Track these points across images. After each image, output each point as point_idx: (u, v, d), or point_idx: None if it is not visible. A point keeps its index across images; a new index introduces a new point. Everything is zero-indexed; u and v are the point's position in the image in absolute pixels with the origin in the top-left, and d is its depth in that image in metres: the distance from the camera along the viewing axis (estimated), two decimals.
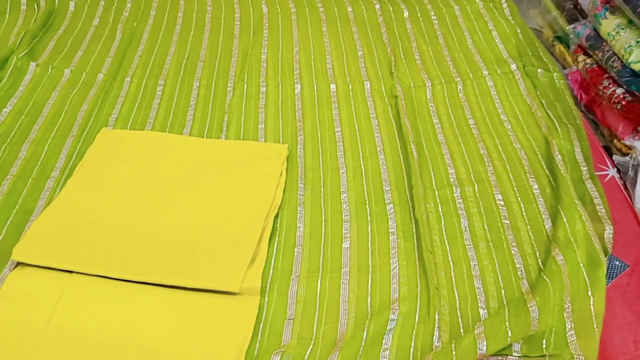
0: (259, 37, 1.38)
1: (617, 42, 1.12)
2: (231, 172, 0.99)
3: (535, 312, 0.75)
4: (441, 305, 0.80)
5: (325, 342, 0.77)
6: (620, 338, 0.76)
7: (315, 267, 0.86)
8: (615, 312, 0.79)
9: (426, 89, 1.21)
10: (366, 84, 1.23)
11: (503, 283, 0.83)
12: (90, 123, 1.11)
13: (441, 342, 0.76)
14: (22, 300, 0.79)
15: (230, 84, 1.23)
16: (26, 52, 1.26)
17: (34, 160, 1.02)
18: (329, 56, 1.32)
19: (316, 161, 1.04)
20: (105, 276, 0.82)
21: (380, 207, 0.95)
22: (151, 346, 0.75)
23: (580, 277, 0.80)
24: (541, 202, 0.94)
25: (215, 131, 1.11)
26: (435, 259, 0.86)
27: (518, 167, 1.01)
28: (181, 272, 0.82)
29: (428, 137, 1.09)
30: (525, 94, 1.18)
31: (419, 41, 1.36)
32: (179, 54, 1.32)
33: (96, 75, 1.23)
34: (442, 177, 1.00)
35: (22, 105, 1.14)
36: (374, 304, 0.81)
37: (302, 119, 1.13)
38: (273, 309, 0.81)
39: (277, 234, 0.91)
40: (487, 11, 1.44)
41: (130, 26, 1.40)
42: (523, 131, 1.09)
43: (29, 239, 0.86)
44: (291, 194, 0.97)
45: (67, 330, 0.76)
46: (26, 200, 0.95)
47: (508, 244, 0.88)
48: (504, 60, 1.28)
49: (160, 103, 1.18)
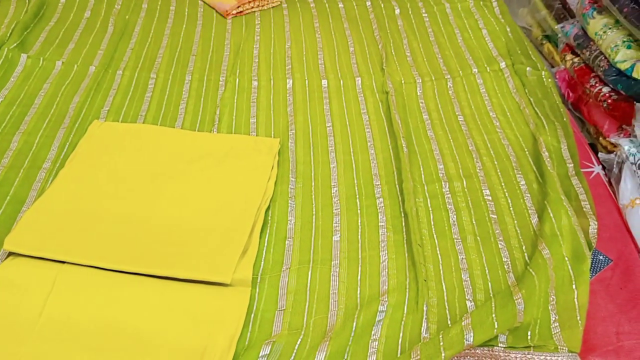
0: (251, 32, 1.39)
1: (604, 41, 1.14)
2: (223, 165, 1.00)
3: (521, 304, 0.76)
4: (429, 297, 0.81)
5: (315, 332, 0.78)
6: (603, 329, 0.78)
7: (305, 259, 0.87)
8: (599, 305, 0.80)
9: (416, 85, 1.22)
10: (357, 80, 1.24)
11: (490, 276, 0.85)
12: (82, 115, 1.11)
13: (429, 333, 0.77)
14: (14, 290, 0.80)
15: (223, 78, 1.24)
16: (17, 43, 1.25)
17: (25, 151, 1.02)
18: (321, 52, 1.33)
19: (307, 155, 1.05)
20: (97, 267, 0.82)
21: (370, 200, 0.96)
22: (143, 336, 0.76)
23: (565, 270, 0.82)
24: (528, 197, 0.96)
25: (207, 125, 1.12)
26: (424, 252, 0.87)
27: (506, 163, 1.03)
28: (173, 263, 0.83)
29: (418, 133, 1.10)
30: (514, 92, 1.20)
31: (410, 38, 1.38)
32: (171, 48, 1.32)
33: (88, 67, 1.23)
34: (431, 172, 1.01)
35: (13, 96, 1.14)
36: (364, 296, 0.82)
37: (293, 114, 1.14)
38: (264, 300, 0.82)
39: (268, 226, 0.92)
40: (478, 9, 1.46)
41: (122, 19, 1.40)
42: (511, 128, 1.11)
43: (21, 229, 0.86)
44: (282, 187, 0.98)
45: (59, 320, 0.77)
46: (18, 191, 0.95)
47: (495, 238, 0.90)
48: (494, 58, 1.30)
49: (153, 96, 1.18)
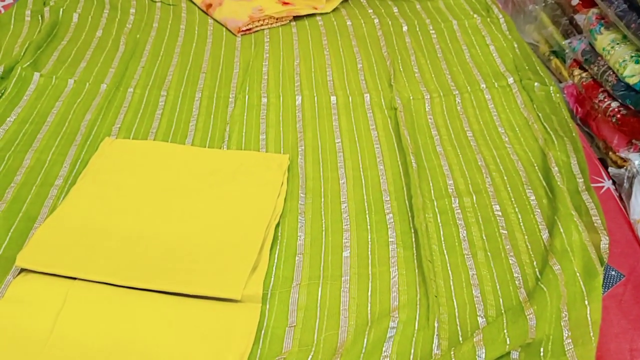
0: (260, 50, 1.40)
1: (612, 56, 1.14)
2: (233, 182, 1.01)
3: (532, 319, 0.76)
4: (440, 314, 0.81)
5: (325, 349, 0.77)
6: (616, 346, 0.77)
7: (316, 275, 0.87)
8: (612, 321, 0.80)
9: (425, 101, 1.23)
10: (366, 96, 1.24)
11: (501, 292, 0.84)
12: (93, 132, 1.12)
13: (440, 350, 0.77)
14: (25, 306, 0.80)
15: (232, 95, 1.25)
16: (30, 62, 1.27)
17: (37, 168, 1.03)
18: (329, 69, 1.34)
19: (317, 171, 1.05)
20: (108, 283, 0.82)
21: (380, 216, 0.96)
22: (153, 353, 0.76)
23: (576, 286, 0.81)
24: (538, 212, 0.96)
25: (217, 141, 1.12)
26: (434, 267, 0.87)
27: (515, 179, 1.03)
28: (183, 280, 0.83)
29: (427, 149, 1.10)
30: (522, 107, 1.20)
31: (417, 55, 1.38)
32: (181, 66, 1.34)
33: (99, 85, 1.25)
34: (440, 188, 1.01)
35: (26, 114, 1.15)
36: (374, 312, 0.82)
37: (302, 130, 1.15)
38: (274, 316, 0.82)
39: (278, 242, 0.92)
40: (485, 26, 1.46)
41: (133, 37, 1.42)
42: (520, 143, 1.11)
43: (33, 246, 0.87)
44: (292, 204, 0.98)
45: (70, 336, 0.77)
46: (30, 208, 0.96)
47: (506, 253, 0.90)
48: (501, 74, 1.30)
49: (163, 113, 1.19)
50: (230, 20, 1.48)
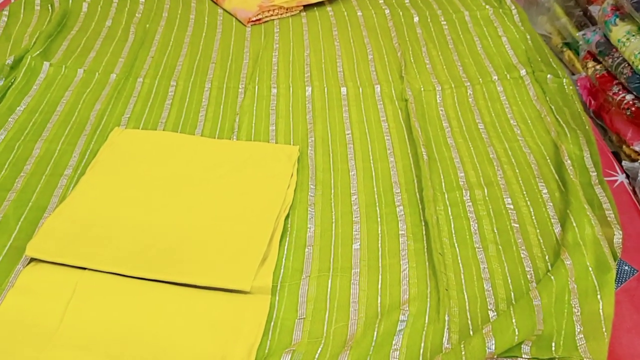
0: (270, 40, 1.39)
1: (627, 48, 1.13)
2: (242, 173, 1.00)
3: (540, 311, 0.75)
4: (451, 307, 0.80)
5: (335, 341, 0.77)
6: (628, 340, 0.76)
7: (325, 267, 0.87)
8: (624, 315, 0.79)
9: (436, 93, 1.22)
10: (376, 87, 1.24)
11: (512, 285, 0.84)
12: (103, 122, 1.12)
13: (450, 344, 0.76)
14: (35, 295, 0.80)
15: (242, 86, 1.24)
16: (40, 51, 1.27)
17: (47, 158, 1.04)
18: (340, 59, 1.33)
19: (327, 163, 1.05)
20: (118, 273, 0.82)
21: (390, 208, 0.96)
22: (162, 343, 0.76)
23: (589, 280, 0.80)
24: (550, 206, 0.95)
25: (226, 132, 1.12)
26: (445, 260, 0.86)
27: (527, 172, 1.02)
28: (193, 271, 0.83)
29: (438, 141, 1.09)
30: (535, 99, 1.19)
31: (429, 46, 1.37)
32: (190, 56, 1.33)
33: (109, 75, 1.24)
34: (451, 180, 1.01)
35: (35, 103, 1.16)
36: (384, 305, 0.81)
37: (312, 121, 1.14)
38: (284, 308, 0.82)
39: (288, 234, 0.92)
40: (497, 17, 1.45)
41: (142, 27, 1.42)
42: (532, 136, 1.10)
43: (43, 236, 0.87)
44: (302, 195, 0.98)
45: (80, 326, 0.77)
46: (39, 197, 0.96)
47: (517, 247, 0.89)
48: (514, 66, 1.29)
49: (173, 103, 1.19)
50: (240, 10, 1.47)
